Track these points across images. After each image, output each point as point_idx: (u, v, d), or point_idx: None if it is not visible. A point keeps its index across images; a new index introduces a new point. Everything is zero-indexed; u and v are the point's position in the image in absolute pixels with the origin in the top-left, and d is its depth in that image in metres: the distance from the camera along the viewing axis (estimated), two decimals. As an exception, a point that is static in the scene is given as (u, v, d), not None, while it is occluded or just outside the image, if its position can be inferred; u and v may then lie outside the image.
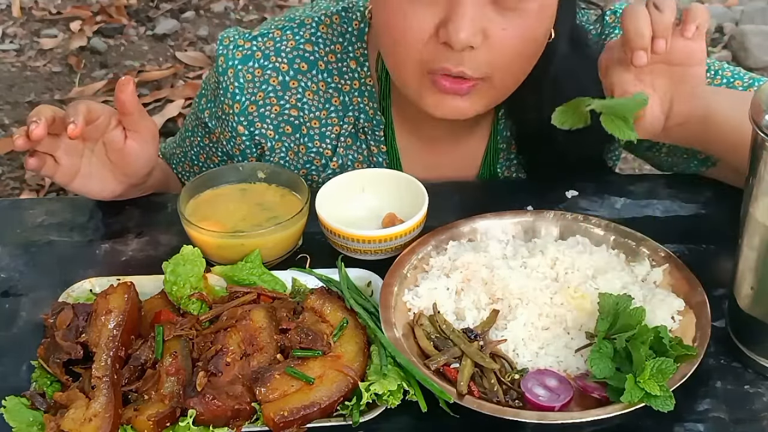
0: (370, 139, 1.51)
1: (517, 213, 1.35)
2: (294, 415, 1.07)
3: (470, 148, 1.55)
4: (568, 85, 1.35)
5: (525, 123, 1.48)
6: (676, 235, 1.35)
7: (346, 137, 1.51)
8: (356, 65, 1.47)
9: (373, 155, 1.52)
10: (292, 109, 1.49)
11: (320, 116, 1.49)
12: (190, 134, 1.60)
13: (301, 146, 1.51)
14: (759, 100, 1.06)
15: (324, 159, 1.52)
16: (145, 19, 4.06)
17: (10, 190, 3.08)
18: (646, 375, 1.05)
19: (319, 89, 1.48)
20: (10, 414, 1.09)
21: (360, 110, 1.49)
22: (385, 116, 1.50)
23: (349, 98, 1.48)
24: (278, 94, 1.48)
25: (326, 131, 1.51)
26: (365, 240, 1.29)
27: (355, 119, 1.49)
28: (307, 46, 1.47)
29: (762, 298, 1.13)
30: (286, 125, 1.50)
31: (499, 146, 1.54)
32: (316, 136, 1.51)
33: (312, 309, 1.20)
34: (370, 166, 1.53)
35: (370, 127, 1.50)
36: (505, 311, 1.19)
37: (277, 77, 1.47)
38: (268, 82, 1.47)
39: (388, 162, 1.53)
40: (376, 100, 1.48)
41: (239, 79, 1.47)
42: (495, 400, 1.09)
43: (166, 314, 1.19)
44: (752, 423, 1.10)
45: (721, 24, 3.97)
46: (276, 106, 1.48)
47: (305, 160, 1.53)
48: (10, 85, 3.62)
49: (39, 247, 1.39)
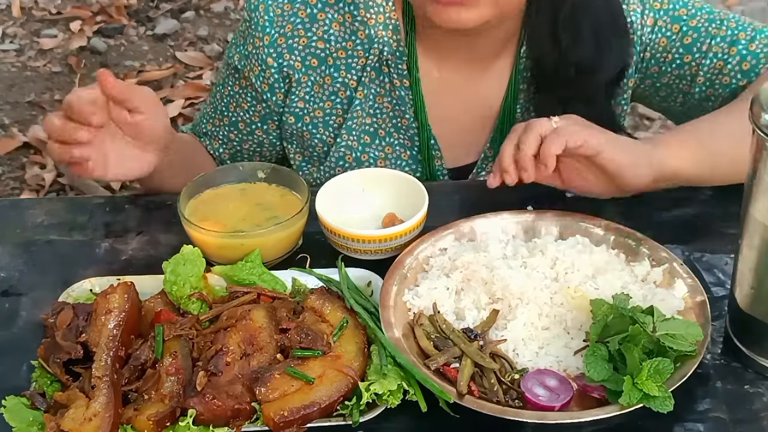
0: (393, 72, 1.53)
1: (517, 213, 1.35)
2: (294, 414, 1.07)
3: (491, 87, 1.57)
4: (584, 18, 1.44)
5: (543, 58, 1.51)
6: (676, 235, 1.35)
7: (371, 69, 1.53)
8: (382, 0, 1.50)
9: (395, 89, 1.54)
10: (319, 42, 1.52)
11: (347, 47, 1.52)
12: (221, 86, 1.63)
13: (327, 77, 1.54)
14: (759, 100, 1.06)
15: (349, 90, 1.55)
16: (145, 19, 4.06)
17: (10, 190, 3.08)
18: (644, 376, 1.05)
19: (345, 21, 1.51)
20: (10, 414, 1.09)
21: (384, 43, 1.51)
22: (410, 51, 1.53)
23: (374, 31, 1.51)
24: (306, 26, 1.51)
25: (352, 62, 1.53)
26: (365, 240, 1.29)
27: (379, 52, 1.52)
28: None
29: (762, 298, 1.13)
30: (313, 58, 1.53)
31: (520, 86, 1.56)
32: (342, 66, 1.53)
33: (312, 309, 1.20)
34: (392, 101, 1.55)
35: (394, 60, 1.52)
36: (505, 311, 1.19)
37: (305, 9, 1.51)
38: (296, 14, 1.51)
39: (410, 96, 1.55)
40: (399, 34, 1.51)
41: (269, 13, 1.50)
42: (495, 400, 1.09)
43: (166, 314, 1.19)
44: (752, 423, 1.10)
45: (721, 24, 3.97)
46: (303, 38, 1.51)
47: (330, 91, 1.55)
48: (10, 85, 3.62)
49: (39, 247, 1.39)
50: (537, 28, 1.48)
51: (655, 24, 1.52)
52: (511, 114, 1.58)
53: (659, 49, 1.53)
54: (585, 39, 1.45)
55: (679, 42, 1.52)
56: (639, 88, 1.59)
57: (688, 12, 1.52)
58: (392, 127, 1.57)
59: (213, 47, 3.86)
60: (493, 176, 1.32)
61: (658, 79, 1.56)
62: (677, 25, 1.51)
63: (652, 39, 1.52)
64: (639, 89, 1.60)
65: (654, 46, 1.53)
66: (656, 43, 1.53)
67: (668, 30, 1.52)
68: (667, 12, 1.52)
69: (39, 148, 3.22)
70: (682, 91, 1.55)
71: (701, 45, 1.50)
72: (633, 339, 1.09)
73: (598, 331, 1.12)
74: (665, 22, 1.52)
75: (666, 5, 1.52)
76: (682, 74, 1.53)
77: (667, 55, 1.53)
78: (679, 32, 1.51)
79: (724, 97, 1.51)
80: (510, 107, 1.58)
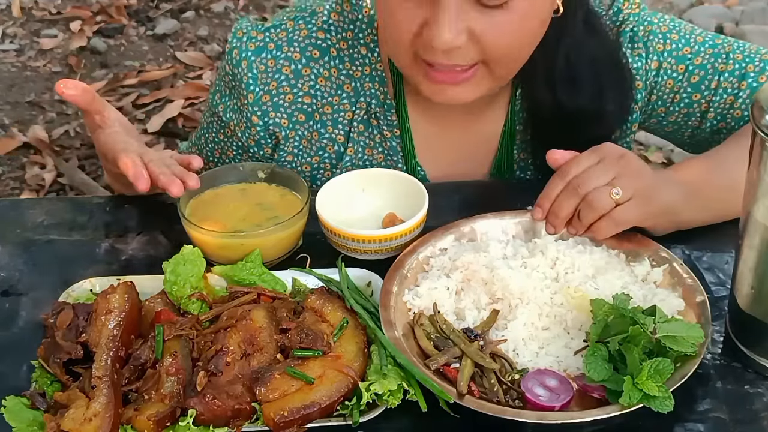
0: (382, 125, 1.52)
1: (518, 213, 1.35)
2: (294, 414, 1.07)
3: (486, 131, 1.55)
4: (581, 64, 1.41)
5: (539, 103, 1.49)
6: (677, 234, 1.35)
7: (358, 123, 1.52)
8: (367, 51, 1.49)
9: (386, 140, 1.53)
10: (305, 97, 1.50)
11: (333, 102, 1.51)
12: (205, 131, 1.62)
13: (314, 132, 1.52)
14: (759, 100, 1.06)
15: (337, 145, 1.53)
16: (145, 19, 4.06)
17: (10, 190, 3.08)
18: (644, 376, 1.05)
19: (331, 75, 1.50)
20: (10, 414, 1.09)
21: (371, 95, 1.50)
22: (398, 100, 1.51)
23: (361, 84, 1.50)
24: (291, 82, 1.49)
25: (339, 117, 1.52)
26: (365, 240, 1.29)
27: (367, 105, 1.51)
28: (320, 33, 1.49)
29: (762, 298, 1.13)
30: (300, 113, 1.51)
31: (516, 128, 1.54)
32: (329, 122, 1.52)
33: (312, 309, 1.20)
34: (384, 151, 1.54)
35: (382, 112, 1.51)
36: (506, 311, 1.19)
37: (289, 66, 1.49)
38: (281, 71, 1.49)
39: (402, 146, 1.53)
40: (386, 85, 1.50)
41: (252, 70, 1.48)
42: (495, 400, 1.09)
43: (166, 314, 1.19)
44: (752, 423, 1.10)
45: (721, 24, 3.97)
46: (289, 94, 1.50)
47: (318, 146, 1.53)
48: (10, 85, 3.62)
49: (39, 247, 1.39)
50: (531, 79, 1.44)
51: (660, 66, 1.49)
52: (509, 154, 1.56)
53: (666, 91, 1.50)
54: (584, 87, 1.43)
55: (686, 82, 1.49)
56: (643, 125, 1.57)
57: (692, 50, 1.48)
58: None
59: (213, 47, 3.87)
60: (539, 211, 1.29)
61: (665, 117, 1.54)
62: (683, 65, 1.48)
63: (657, 81, 1.50)
64: (643, 126, 1.58)
65: (660, 88, 1.50)
66: (663, 85, 1.50)
67: (674, 71, 1.49)
68: (670, 53, 1.48)
69: (39, 148, 3.22)
70: (691, 127, 1.53)
71: (709, 83, 1.48)
72: (633, 339, 1.09)
73: (598, 331, 1.12)
74: (670, 63, 1.49)
75: (669, 46, 1.48)
76: (691, 112, 1.51)
77: (675, 96, 1.50)
78: (685, 72, 1.48)
79: (736, 129, 1.48)
80: (507, 149, 1.56)
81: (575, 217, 1.26)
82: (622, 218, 1.25)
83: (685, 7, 4.13)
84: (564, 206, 1.26)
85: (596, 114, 1.45)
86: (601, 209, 1.24)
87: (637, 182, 1.25)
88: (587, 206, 1.24)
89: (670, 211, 1.30)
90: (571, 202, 1.26)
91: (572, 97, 1.43)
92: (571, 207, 1.26)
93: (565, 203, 1.26)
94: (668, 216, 1.31)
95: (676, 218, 1.32)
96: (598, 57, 1.43)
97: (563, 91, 1.42)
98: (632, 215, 1.26)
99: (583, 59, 1.42)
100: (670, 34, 1.49)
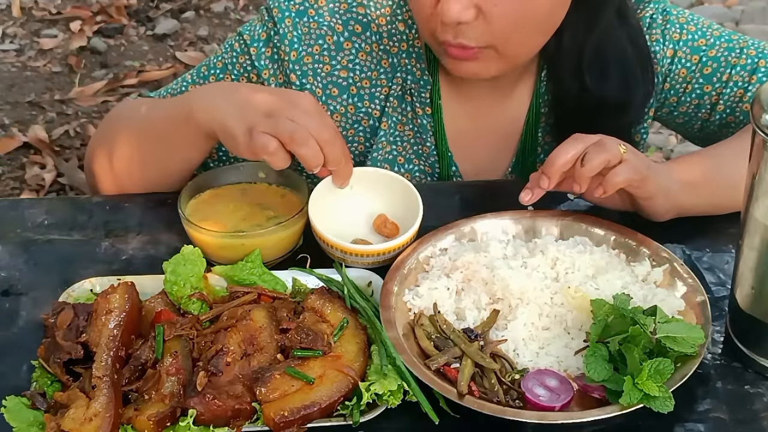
0: (415, 101, 1.53)
1: (518, 213, 1.35)
2: (294, 415, 1.07)
3: (513, 112, 1.57)
4: (611, 56, 1.43)
5: (565, 91, 1.50)
6: (677, 235, 1.35)
7: (393, 98, 1.53)
8: (404, 27, 1.50)
9: (417, 117, 1.54)
10: (342, 71, 1.51)
11: (372, 76, 1.52)
12: (196, 75, 1.54)
13: (350, 106, 1.53)
14: (760, 100, 1.06)
15: (372, 119, 1.54)
16: (145, 19, 4.06)
17: (10, 190, 3.08)
18: (644, 376, 1.05)
19: (372, 50, 1.51)
20: (11, 414, 1.09)
21: (408, 71, 1.51)
22: (432, 78, 1.52)
23: (398, 60, 1.51)
24: (332, 53, 1.50)
25: (376, 92, 1.53)
26: (362, 254, 1.27)
27: (403, 80, 1.52)
28: (360, 8, 1.50)
29: (762, 298, 1.13)
30: (334, 87, 1.51)
31: (541, 110, 1.56)
32: (366, 96, 1.53)
33: (312, 309, 1.20)
34: (414, 128, 1.55)
35: (417, 89, 1.52)
36: (506, 311, 1.19)
37: (332, 36, 1.49)
38: (324, 38, 1.49)
39: (432, 124, 1.54)
40: (423, 62, 1.51)
41: (297, 29, 1.48)
42: (495, 400, 1.09)
43: (167, 314, 1.19)
44: (752, 423, 1.11)
45: (721, 24, 3.97)
46: (327, 65, 1.50)
47: (354, 120, 1.54)
48: (10, 85, 3.61)
49: (39, 247, 1.39)
50: (558, 66, 1.47)
51: (675, 55, 1.51)
52: (534, 138, 1.57)
53: (679, 80, 1.52)
54: (612, 76, 1.45)
55: (699, 73, 1.51)
56: (655, 115, 1.59)
57: (707, 42, 1.51)
58: (413, 153, 1.56)
59: (213, 47, 3.86)
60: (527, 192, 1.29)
61: (676, 108, 1.55)
62: (697, 56, 1.50)
63: (671, 70, 1.52)
64: (656, 116, 1.59)
65: (674, 77, 1.52)
66: (676, 74, 1.52)
67: (688, 61, 1.51)
68: (686, 43, 1.51)
69: (39, 148, 3.22)
70: (701, 119, 1.55)
71: (721, 75, 1.50)
72: (633, 339, 1.09)
73: (598, 332, 1.12)
74: (685, 53, 1.51)
75: (685, 36, 1.51)
76: (702, 104, 1.53)
77: (687, 86, 1.52)
78: (698, 63, 1.50)
79: (744, 124, 1.50)
80: (532, 131, 1.57)
81: (577, 164, 1.24)
82: (632, 166, 1.24)
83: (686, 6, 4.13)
84: (561, 154, 1.25)
85: (623, 104, 1.47)
86: (608, 154, 1.23)
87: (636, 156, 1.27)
88: (597, 147, 1.24)
89: (666, 193, 1.31)
90: (571, 149, 1.25)
91: (600, 87, 1.45)
92: (570, 154, 1.25)
93: (563, 150, 1.25)
94: (665, 197, 1.31)
95: (675, 201, 1.33)
96: (627, 48, 1.45)
97: (592, 81, 1.45)
98: (639, 168, 1.25)
99: (614, 51, 1.44)
100: (687, 25, 1.52)
